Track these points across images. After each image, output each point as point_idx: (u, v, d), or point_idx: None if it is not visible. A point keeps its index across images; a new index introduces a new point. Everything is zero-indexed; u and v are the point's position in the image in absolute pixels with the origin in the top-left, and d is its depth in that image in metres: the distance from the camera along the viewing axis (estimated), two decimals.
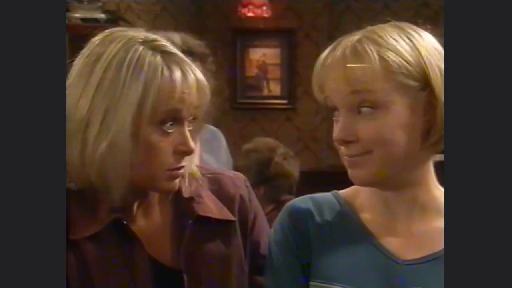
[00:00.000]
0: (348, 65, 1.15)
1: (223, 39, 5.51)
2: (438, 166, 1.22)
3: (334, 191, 1.29)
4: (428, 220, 1.21)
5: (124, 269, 1.20)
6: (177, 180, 1.23)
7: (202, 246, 1.26)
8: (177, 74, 1.16)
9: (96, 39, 1.21)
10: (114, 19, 4.02)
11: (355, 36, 1.18)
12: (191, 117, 1.21)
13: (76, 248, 1.18)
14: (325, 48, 1.22)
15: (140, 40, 1.19)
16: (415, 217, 1.21)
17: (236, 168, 2.75)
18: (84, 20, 3.88)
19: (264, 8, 5.38)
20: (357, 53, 1.15)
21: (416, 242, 1.20)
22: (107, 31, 1.23)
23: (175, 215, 1.27)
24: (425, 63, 1.15)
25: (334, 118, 1.20)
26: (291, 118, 5.61)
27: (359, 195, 1.26)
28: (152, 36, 1.22)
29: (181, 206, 1.27)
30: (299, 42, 5.53)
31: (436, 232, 1.19)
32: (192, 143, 1.20)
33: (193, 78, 1.18)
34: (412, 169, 1.19)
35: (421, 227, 1.21)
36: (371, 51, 1.14)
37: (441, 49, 1.18)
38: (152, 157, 1.17)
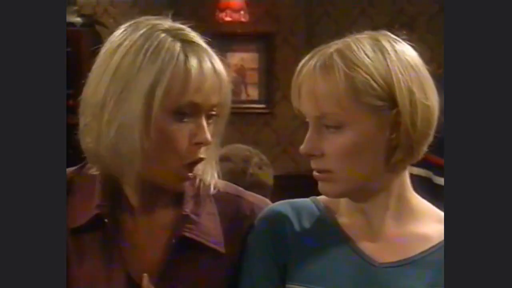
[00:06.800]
0: (315, 87, 1.15)
1: None
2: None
3: (313, 197, 1.30)
4: (402, 225, 1.23)
5: (98, 270, 1.19)
6: (186, 183, 1.20)
7: (181, 272, 1.20)
8: (193, 62, 1.15)
9: (122, 27, 1.21)
10: (91, 23, 4.00)
11: (330, 49, 1.18)
12: (212, 112, 1.18)
13: None
14: (303, 52, 1.22)
15: (163, 28, 1.18)
16: (390, 222, 1.23)
17: None
18: None
19: (242, 12, 5.37)
20: (326, 70, 1.15)
21: (392, 246, 1.22)
22: (134, 20, 1.22)
23: (163, 228, 1.23)
24: (393, 82, 1.14)
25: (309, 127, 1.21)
26: (269, 122, 5.60)
27: (337, 200, 1.27)
28: (177, 25, 1.21)
29: (173, 220, 1.23)
30: (277, 46, 5.53)
31: (411, 237, 1.21)
32: (208, 134, 1.17)
33: (210, 67, 1.16)
34: (380, 182, 1.20)
35: (396, 232, 1.23)
36: (339, 69, 1.14)
37: (418, 64, 1.17)
38: (166, 145, 1.15)
